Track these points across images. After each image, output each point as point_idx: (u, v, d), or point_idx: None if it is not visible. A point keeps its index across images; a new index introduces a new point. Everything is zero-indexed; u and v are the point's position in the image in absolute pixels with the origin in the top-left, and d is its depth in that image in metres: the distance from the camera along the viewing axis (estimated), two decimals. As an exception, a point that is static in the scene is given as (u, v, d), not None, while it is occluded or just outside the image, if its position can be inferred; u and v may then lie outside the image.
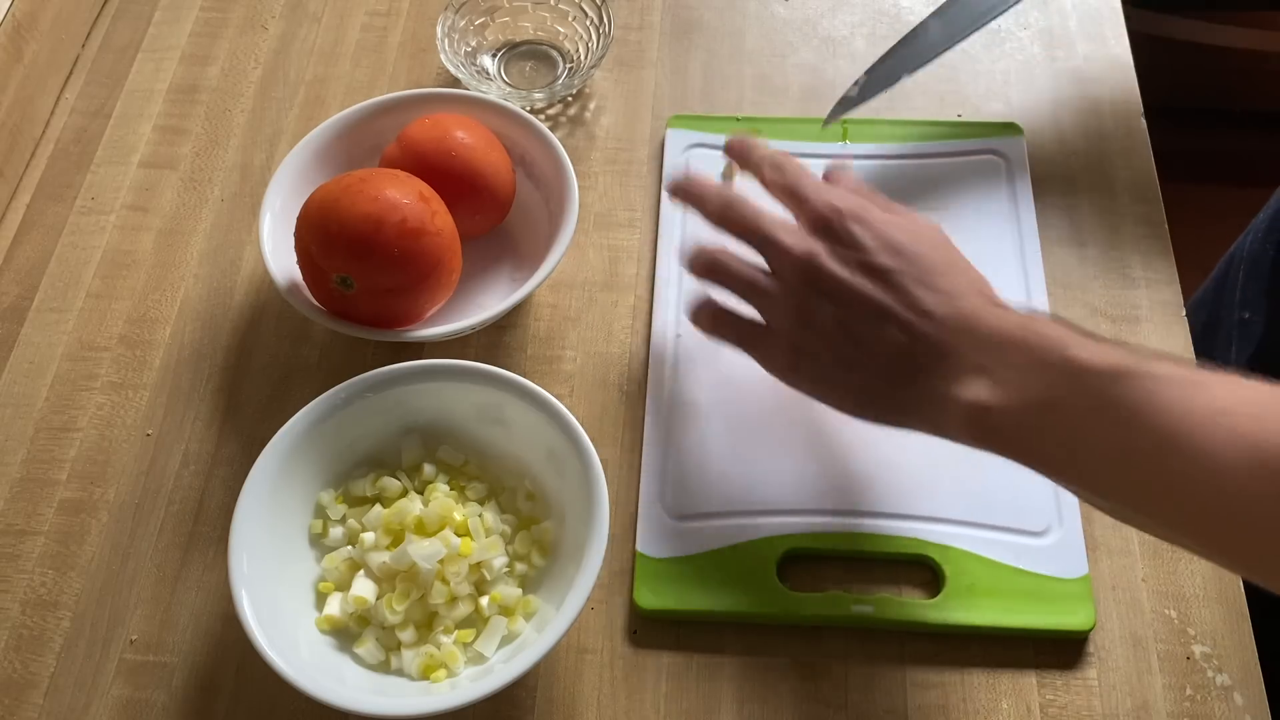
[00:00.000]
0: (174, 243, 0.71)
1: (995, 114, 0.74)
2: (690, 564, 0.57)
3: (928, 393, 0.50)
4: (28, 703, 0.56)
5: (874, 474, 0.60)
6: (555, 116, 0.75)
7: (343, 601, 0.54)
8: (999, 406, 0.47)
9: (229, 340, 0.67)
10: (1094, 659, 0.56)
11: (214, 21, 0.81)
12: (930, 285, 0.51)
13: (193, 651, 0.57)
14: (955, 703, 0.55)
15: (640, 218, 0.71)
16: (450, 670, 0.53)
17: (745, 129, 0.72)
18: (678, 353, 0.64)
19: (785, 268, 0.53)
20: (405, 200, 0.59)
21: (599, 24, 0.76)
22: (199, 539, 0.60)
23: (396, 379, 0.58)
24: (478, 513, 0.56)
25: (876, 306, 0.51)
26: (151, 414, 0.64)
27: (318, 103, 0.77)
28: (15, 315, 0.68)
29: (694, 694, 0.55)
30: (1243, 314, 0.82)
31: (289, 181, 0.65)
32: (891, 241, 0.52)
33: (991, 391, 0.48)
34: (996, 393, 0.48)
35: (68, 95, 0.78)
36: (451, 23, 0.76)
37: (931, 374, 0.50)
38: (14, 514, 0.61)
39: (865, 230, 0.52)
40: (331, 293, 0.60)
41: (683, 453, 0.61)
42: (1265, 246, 0.82)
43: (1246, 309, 0.82)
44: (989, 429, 0.48)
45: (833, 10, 0.80)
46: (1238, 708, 0.54)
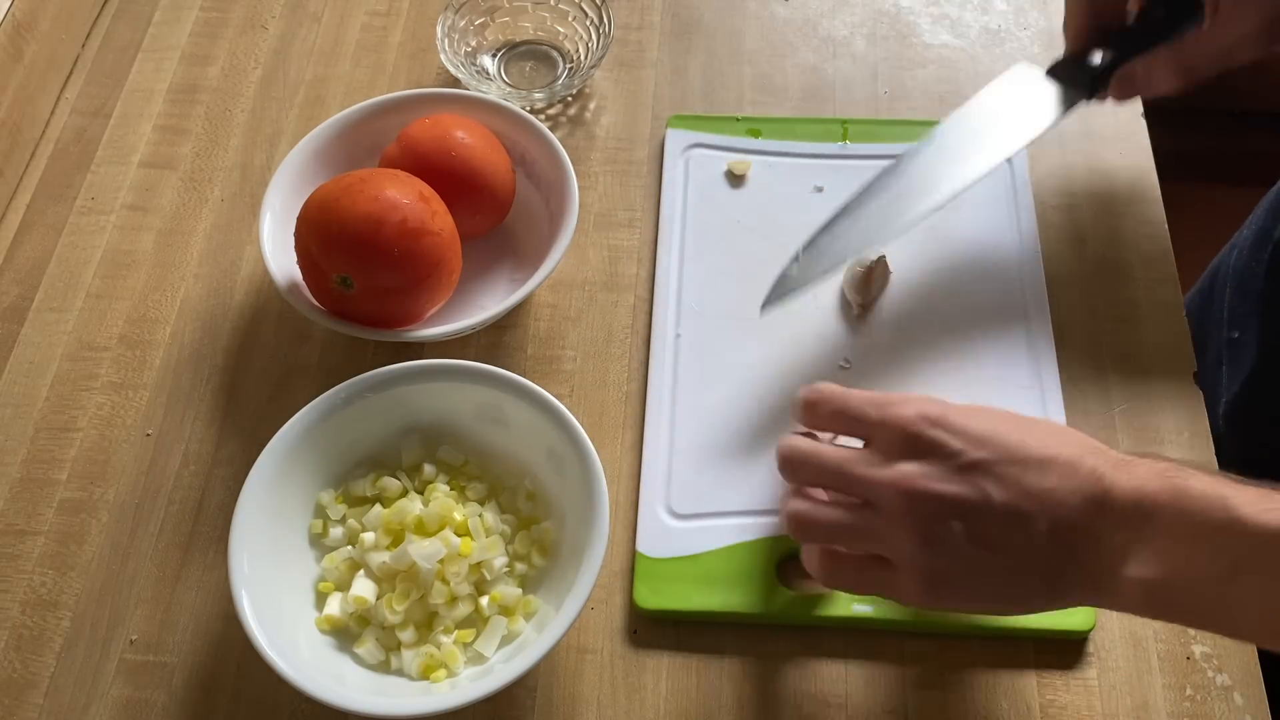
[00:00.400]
0: (174, 243, 0.71)
1: (995, 114, 0.74)
2: (690, 564, 0.57)
3: (1088, 579, 0.47)
4: (28, 703, 0.56)
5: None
6: (555, 116, 0.75)
7: (343, 601, 0.54)
8: (1178, 582, 0.45)
9: (229, 340, 0.67)
10: (1094, 659, 0.56)
11: (214, 21, 0.81)
12: (1036, 464, 0.47)
13: (193, 651, 0.57)
14: (955, 703, 0.55)
15: (640, 217, 0.71)
16: (450, 670, 0.53)
17: (745, 128, 0.72)
18: (678, 353, 0.64)
19: (885, 498, 0.48)
20: (405, 200, 0.59)
21: (599, 24, 0.76)
22: (199, 539, 0.60)
23: (396, 379, 0.57)
24: (478, 513, 0.56)
25: (1001, 507, 0.47)
26: (151, 414, 0.64)
27: (318, 103, 0.77)
28: (15, 315, 0.68)
29: (694, 694, 0.55)
30: (1231, 333, 0.81)
31: (289, 181, 0.65)
32: (973, 433, 0.48)
33: (1162, 567, 0.45)
34: (1168, 567, 0.45)
35: (68, 95, 0.78)
36: (451, 23, 0.76)
37: (1084, 559, 0.47)
38: (14, 514, 0.61)
39: (946, 431, 0.48)
40: (331, 293, 0.60)
41: (683, 453, 0.61)
42: (1252, 264, 0.80)
43: (1235, 328, 0.80)
44: (1169, 603, 0.46)
45: (833, 10, 0.80)
46: (1238, 708, 0.54)
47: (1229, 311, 0.81)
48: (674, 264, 0.67)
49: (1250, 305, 0.79)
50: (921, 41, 0.78)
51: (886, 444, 0.49)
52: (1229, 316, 0.81)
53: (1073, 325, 0.65)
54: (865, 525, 0.49)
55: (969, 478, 0.47)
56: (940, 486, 0.47)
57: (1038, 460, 0.47)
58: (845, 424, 0.52)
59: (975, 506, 0.47)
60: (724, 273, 0.67)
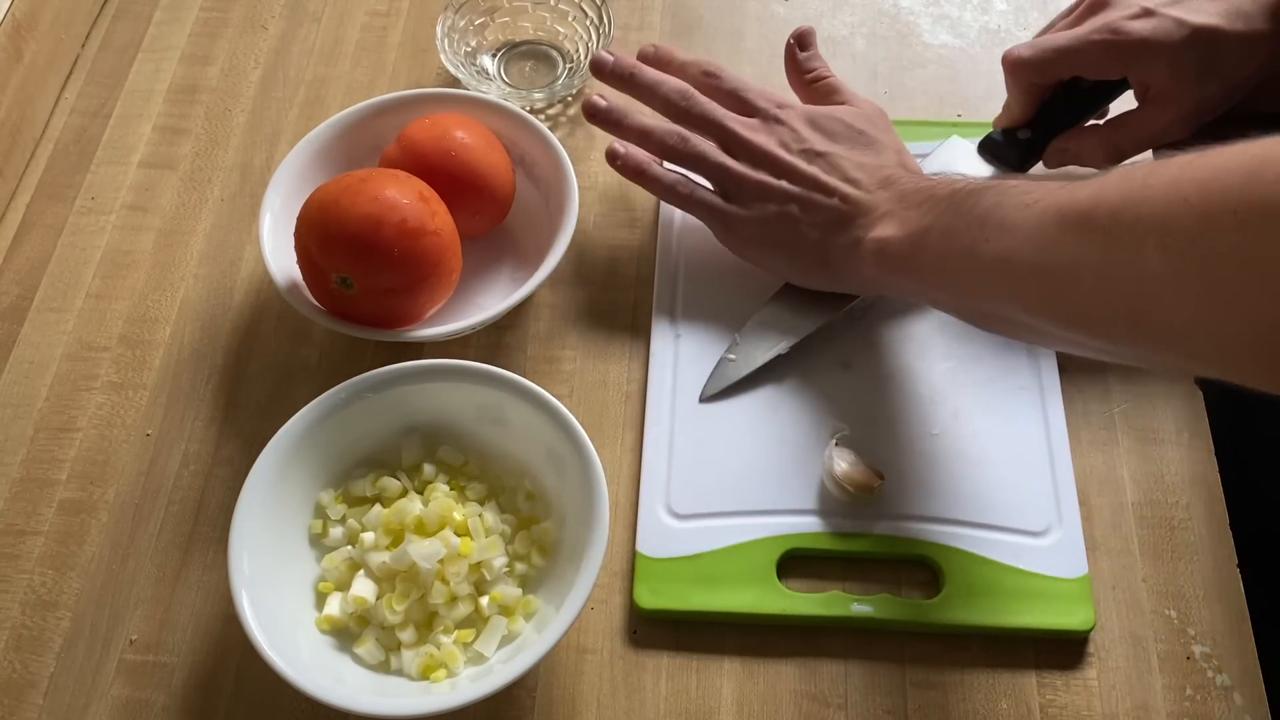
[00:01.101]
0: (174, 243, 0.71)
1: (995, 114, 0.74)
2: (690, 564, 0.57)
3: (849, 241, 0.58)
4: (28, 703, 0.56)
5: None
6: (555, 116, 0.75)
7: (343, 601, 0.54)
8: (896, 238, 0.55)
9: (229, 340, 0.67)
10: (1094, 659, 0.56)
11: (214, 21, 0.81)
12: (862, 160, 0.61)
13: (193, 651, 0.57)
14: (955, 703, 0.55)
15: (640, 218, 0.71)
16: (450, 670, 0.53)
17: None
18: (678, 352, 0.64)
19: (745, 155, 0.63)
20: (405, 200, 0.59)
21: (599, 24, 0.76)
22: (199, 539, 0.60)
23: (396, 379, 0.57)
24: (478, 513, 0.56)
25: (820, 182, 0.60)
26: (151, 414, 0.64)
27: (318, 103, 0.77)
28: (15, 315, 0.68)
29: (694, 694, 0.55)
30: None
31: (289, 181, 0.65)
32: (828, 129, 0.62)
33: (894, 228, 0.56)
34: (896, 228, 0.56)
35: (67, 95, 0.78)
36: (451, 23, 0.76)
37: (855, 226, 0.58)
38: (14, 514, 0.61)
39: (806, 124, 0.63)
40: (331, 293, 0.60)
41: (683, 453, 0.61)
42: None
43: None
44: (888, 258, 0.56)
45: (833, 10, 0.80)
46: (1238, 708, 0.54)
47: None
48: (674, 264, 0.67)
49: None
50: (921, 41, 0.78)
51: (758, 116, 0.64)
52: None
53: (1073, 325, 0.65)
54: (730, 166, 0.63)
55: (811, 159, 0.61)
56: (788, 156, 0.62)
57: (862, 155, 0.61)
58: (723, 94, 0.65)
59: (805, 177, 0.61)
60: (724, 273, 0.67)
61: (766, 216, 0.61)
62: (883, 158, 0.61)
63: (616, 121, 0.66)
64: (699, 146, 0.64)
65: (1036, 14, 0.79)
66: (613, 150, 0.66)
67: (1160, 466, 0.61)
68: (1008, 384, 0.62)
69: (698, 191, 0.64)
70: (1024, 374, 0.63)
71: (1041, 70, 0.63)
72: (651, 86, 0.66)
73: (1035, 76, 0.64)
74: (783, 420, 0.62)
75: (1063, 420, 0.61)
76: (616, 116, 0.66)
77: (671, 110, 0.65)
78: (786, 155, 0.62)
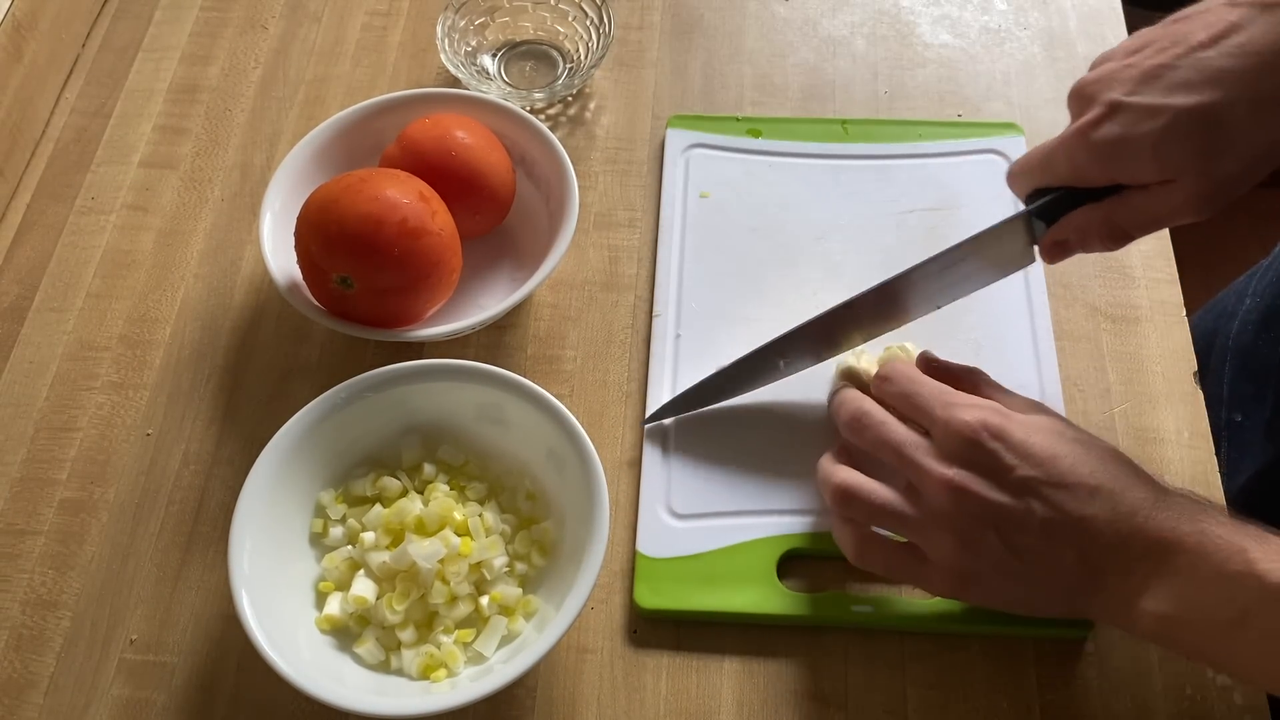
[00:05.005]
0: (174, 243, 0.71)
1: (995, 114, 0.74)
2: (690, 564, 0.57)
3: (1107, 600, 0.50)
4: (28, 703, 0.56)
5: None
6: (555, 116, 0.75)
7: (343, 601, 0.54)
8: (1188, 620, 0.47)
9: (229, 340, 0.67)
10: (1094, 659, 0.56)
11: (214, 21, 0.81)
12: (1083, 491, 0.49)
13: (193, 651, 0.57)
14: (955, 703, 0.55)
15: (640, 217, 0.71)
16: (450, 670, 0.53)
17: (745, 128, 0.72)
18: (678, 353, 0.64)
19: (933, 493, 0.51)
20: (405, 200, 0.59)
21: (599, 24, 0.76)
22: (199, 539, 0.60)
23: (396, 379, 0.57)
24: (478, 513, 0.56)
25: (1040, 522, 0.49)
26: (151, 414, 0.64)
27: (318, 102, 0.77)
28: (15, 315, 0.68)
29: (694, 694, 0.55)
30: (1234, 415, 0.77)
31: (289, 181, 0.65)
32: (1029, 450, 0.50)
33: (1176, 604, 0.47)
34: (1182, 605, 0.47)
35: (68, 95, 0.78)
36: (451, 22, 0.76)
37: (1107, 582, 0.49)
38: (14, 514, 0.61)
39: (1004, 445, 0.50)
40: (331, 292, 0.60)
41: (683, 453, 0.61)
42: (1259, 343, 0.75)
43: (1239, 410, 0.76)
44: (1177, 639, 0.48)
45: (833, 10, 0.80)
46: (1238, 708, 0.54)
47: (1230, 390, 0.77)
48: (674, 264, 0.67)
49: (1257, 389, 0.75)
50: (921, 41, 0.78)
51: (945, 442, 0.52)
52: (1230, 395, 0.77)
53: (1073, 325, 0.65)
54: (909, 513, 0.52)
55: (1016, 492, 0.50)
56: (987, 494, 0.50)
57: (1086, 488, 0.49)
58: (910, 409, 0.54)
59: (1016, 518, 0.50)
60: (724, 273, 0.67)
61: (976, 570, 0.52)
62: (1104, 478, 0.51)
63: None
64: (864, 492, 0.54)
65: (1037, 14, 0.79)
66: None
67: (1160, 466, 0.61)
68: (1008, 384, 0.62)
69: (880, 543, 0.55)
70: (1025, 374, 0.63)
71: (1027, 185, 0.57)
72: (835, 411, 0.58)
73: (1026, 190, 0.57)
74: (783, 420, 0.62)
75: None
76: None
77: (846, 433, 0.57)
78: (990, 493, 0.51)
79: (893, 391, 0.55)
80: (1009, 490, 0.50)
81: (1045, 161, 0.55)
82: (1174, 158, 0.50)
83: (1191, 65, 0.50)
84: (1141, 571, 0.48)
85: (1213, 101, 0.49)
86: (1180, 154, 0.50)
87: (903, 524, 0.52)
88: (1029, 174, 0.57)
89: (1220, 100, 0.49)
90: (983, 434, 0.51)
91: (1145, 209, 0.53)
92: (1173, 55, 0.51)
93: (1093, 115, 0.52)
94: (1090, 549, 0.49)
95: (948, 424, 0.52)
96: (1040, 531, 0.49)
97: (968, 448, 0.51)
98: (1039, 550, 0.50)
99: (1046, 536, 0.49)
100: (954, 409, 0.52)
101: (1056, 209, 0.56)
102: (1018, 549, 0.50)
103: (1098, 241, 0.55)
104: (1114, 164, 0.52)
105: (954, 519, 0.50)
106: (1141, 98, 0.51)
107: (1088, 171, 0.53)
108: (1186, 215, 0.52)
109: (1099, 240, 0.55)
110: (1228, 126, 0.50)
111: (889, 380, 0.56)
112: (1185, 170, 0.51)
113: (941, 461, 0.51)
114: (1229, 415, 0.77)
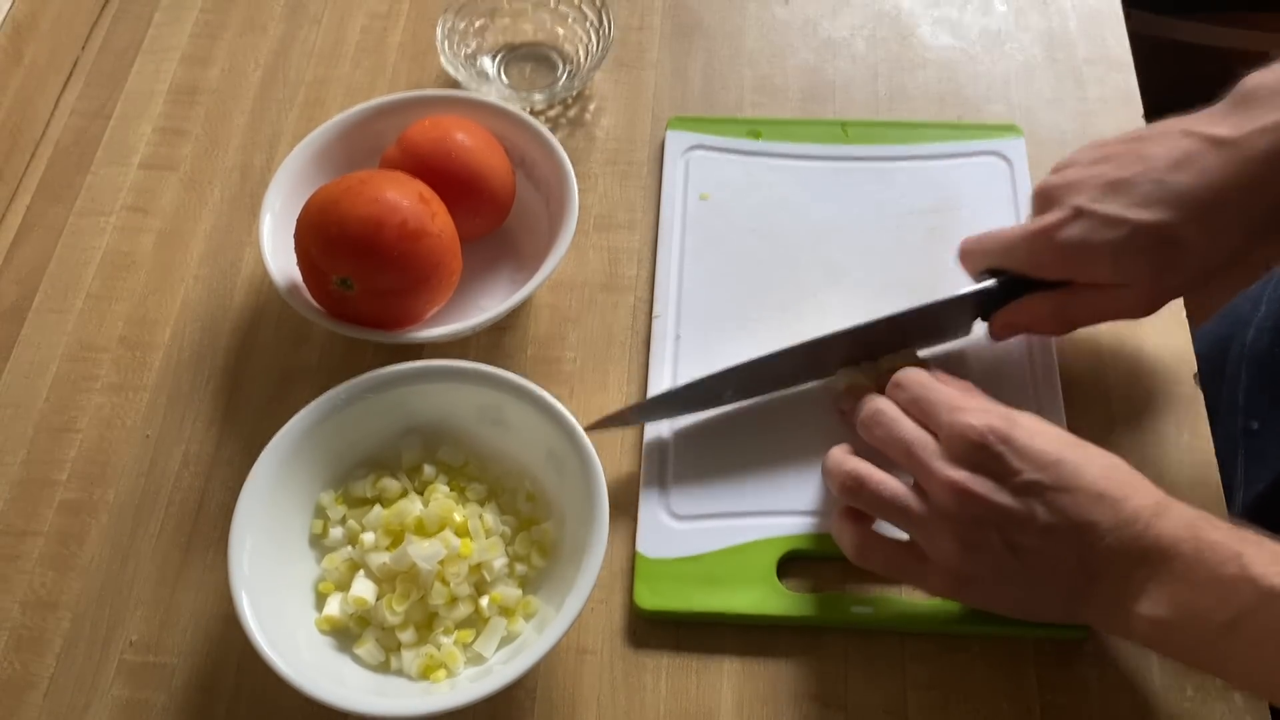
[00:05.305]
0: (174, 244, 0.71)
1: (995, 115, 0.74)
2: (690, 564, 0.57)
3: (1103, 605, 0.50)
4: (28, 703, 0.56)
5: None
6: (555, 118, 0.75)
7: (343, 602, 0.54)
8: (1182, 624, 0.47)
9: (229, 341, 0.67)
10: (1094, 659, 0.56)
11: (214, 23, 0.81)
12: (1086, 497, 0.50)
13: (193, 652, 0.57)
14: (955, 703, 0.55)
15: (640, 219, 0.71)
16: (450, 671, 0.53)
17: (745, 129, 0.73)
18: (678, 353, 0.64)
19: (938, 493, 0.52)
20: (405, 202, 0.59)
21: (599, 26, 0.76)
22: (199, 539, 0.60)
23: (396, 380, 0.58)
24: (478, 513, 0.56)
25: (1042, 526, 0.50)
26: (151, 415, 0.64)
27: (318, 104, 0.77)
28: (15, 315, 0.68)
29: (694, 694, 0.55)
30: (1250, 423, 0.76)
31: (289, 183, 0.65)
32: (1035, 454, 0.51)
33: (1171, 608, 0.48)
34: (1177, 609, 0.47)
35: (68, 96, 0.78)
36: (451, 25, 0.76)
37: (1104, 587, 0.50)
38: (14, 514, 0.61)
39: (1010, 449, 0.51)
40: (331, 294, 0.60)
41: (683, 454, 0.61)
42: (1275, 350, 0.75)
43: (1255, 418, 0.75)
44: (1171, 643, 0.49)
45: (833, 12, 0.80)
46: (1238, 708, 0.54)
47: (1245, 397, 0.77)
48: (674, 265, 0.67)
49: (1273, 396, 0.75)
50: (921, 43, 0.78)
51: (951, 444, 0.52)
52: (1246, 403, 0.77)
53: (1072, 326, 0.65)
54: (913, 508, 0.53)
55: (1020, 495, 0.50)
56: (991, 497, 0.51)
57: (1089, 493, 0.50)
58: (920, 413, 0.55)
59: (1018, 521, 0.50)
60: (724, 274, 0.67)
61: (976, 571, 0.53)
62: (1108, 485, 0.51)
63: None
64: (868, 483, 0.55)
65: (1036, 15, 0.79)
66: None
67: (1160, 467, 0.61)
68: (1008, 383, 0.62)
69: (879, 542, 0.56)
70: (1025, 374, 0.63)
71: (980, 264, 0.61)
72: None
73: (978, 268, 0.61)
74: (783, 420, 0.62)
75: (1063, 420, 0.61)
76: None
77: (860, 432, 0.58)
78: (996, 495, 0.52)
79: (905, 397, 0.56)
80: (1013, 493, 0.50)
81: (1005, 249, 0.59)
82: (1129, 267, 0.55)
83: (1154, 183, 0.54)
84: (1139, 577, 0.49)
85: (1169, 221, 0.54)
86: (1135, 265, 0.55)
87: (906, 519, 0.53)
88: (985, 255, 0.61)
89: (1176, 221, 0.54)
90: (989, 437, 0.51)
91: (1095, 305, 0.58)
92: (1135, 171, 0.55)
93: (1056, 217, 0.56)
94: (1090, 554, 0.50)
95: (953, 426, 0.52)
96: (1041, 535, 0.50)
97: (974, 450, 0.51)
98: (1039, 553, 0.50)
99: (1047, 540, 0.50)
100: (961, 412, 0.53)
101: (1012, 290, 0.60)
102: (1018, 552, 0.50)
103: (1046, 327, 0.60)
104: (1073, 265, 0.57)
105: (956, 519, 0.51)
106: (1104, 207, 0.55)
107: (1046, 267, 0.58)
108: (1131, 315, 0.58)
109: (1047, 326, 0.60)
110: (1180, 245, 0.54)
111: (901, 386, 0.56)
112: (1138, 279, 0.55)
113: (948, 463, 0.52)
114: (1245, 423, 0.76)
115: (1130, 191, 0.55)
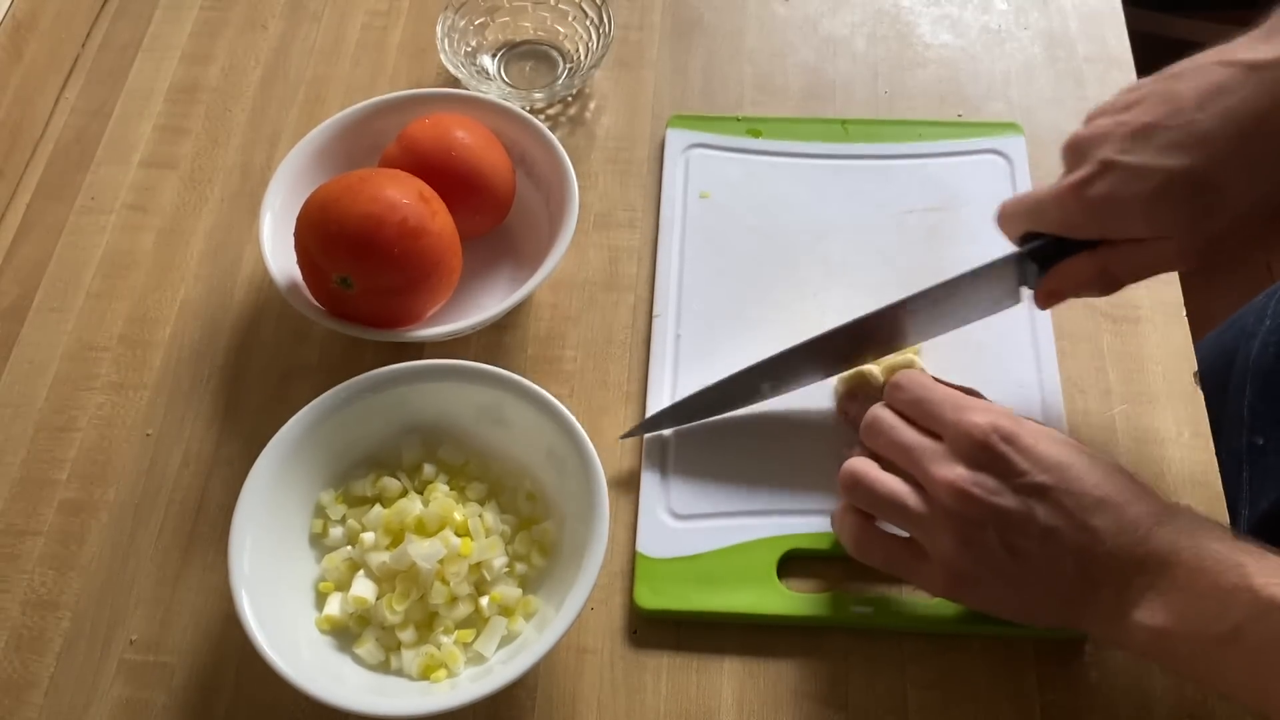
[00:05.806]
0: (174, 242, 0.71)
1: (996, 114, 0.74)
2: (690, 564, 0.57)
3: (1102, 612, 0.49)
4: (28, 703, 0.56)
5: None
6: (555, 116, 0.75)
7: (343, 601, 0.54)
8: (1181, 634, 0.47)
9: (229, 340, 0.67)
10: (1094, 659, 0.56)
11: (214, 21, 0.81)
12: (1089, 501, 0.49)
13: (193, 651, 0.57)
14: (955, 703, 0.55)
15: (640, 217, 0.71)
16: (450, 670, 0.53)
17: (745, 128, 0.72)
18: (678, 353, 0.64)
19: (939, 492, 0.51)
20: (405, 200, 0.59)
21: (599, 24, 0.76)
22: (199, 539, 0.60)
23: (396, 379, 0.57)
24: (478, 513, 0.56)
25: (1043, 528, 0.49)
26: (151, 414, 0.64)
27: (318, 102, 0.77)
28: (15, 315, 0.68)
29: (694, 694, 0.55)
30: (1255, 438, 0.74)
31: (289, 181, 0.65)
32: (1039, 456, 0.50)
33: (1170, 617, 0.47)
34: (1176, 619, 0.47)
35: (68, 95, 0.78)
36: (451, 23, 0.76)
37: (1103, 593, 0.49)
38: (14, 514, 0.61)
39: (1014, 449, 0.50)
40: (331, 293, 0.60)
41: (683, 453, 0.61)
42: None
43: (1260, 434, 0.74)
44: (1169, 652, 0.48)
45: (833, 10, 0.80)
46: (1238, 707, 0.54)
47: (1250, 412, 0.75)
48: (674, 264, 0.67)
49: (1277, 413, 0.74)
50: (922, 41, 0.78)
51: (956, 444, 0.52)
52: (1251, 418, 0.75)
53: (1073, 325, 0.65)
54: (913, 507, 0.52)
55: (1022, 496, 0.50)
56: (994, 497, 0.50)
57: (1092, 498, 0.49)
58: (922, 415, 0.54)
59: (1018, 522, 0.50)
60: (724, 273, 0.67)
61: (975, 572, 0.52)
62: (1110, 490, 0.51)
63: None
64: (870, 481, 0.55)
65: (1036, 14, 0.79)
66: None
67: (1160, 466, 0.61)
68: (1008, 383, 0.62)
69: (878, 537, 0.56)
70: (1025, 373, 0.63)
71: (1017, 228, 0.58)
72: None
73: (1017, 232, 0.58)
74: (782, 420, 0.62)
75: (1063, 420, 0.61)
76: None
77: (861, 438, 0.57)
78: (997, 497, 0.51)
79: (905, 399, 0.55)
80: (1016, 494, 0.50)
81: (1036, 209, 0.56)
82: (1165, 218, 0.52)
83: (1181, 126, 0.51)
84: (1137, 585, 0.48)
85: (1200, 164, 0.50)
86: (1171, 215, 0.52)
87: (906, 517, 0.52)
88: (1019, 218, 0.58)
89: (1209, 163, 0.50)
90: (993, 437, 0.51)
91: (1138, 261, 0.54)
92: (1163, 114, 0.52)
93: (1085, 173, 0.53)
94: (1089, 560, 0.49)
95: (958, 425, 0.52)
96: (1042, 537, 0.49)
97: (978, 450, 0.51)
98: (1039, 556, 0.50)
99: (1048, 543, 0.49)
100: (966, 412, 0.52)
101: (1049, 253, 0.56)
102: (1018, 553, 0.50)
103: (1091, 289, 0.57)
104: (1105, 222, 0.53)
105: (957, 518, 0.50)
106: (1132, 157, 0.52)
107: (1078, 226, 0.55)
108: (1180, 266, 0.55)
109: (1093, 289, 0.56)
110: (1217, 188, 0.51)
111: (901, 388, 0.55)
112: (1177, 229, 0.52)
113: (950, 463, 0.51)
114: (1249, 439, 0.75)
115: (1157, 137, 0.51)
